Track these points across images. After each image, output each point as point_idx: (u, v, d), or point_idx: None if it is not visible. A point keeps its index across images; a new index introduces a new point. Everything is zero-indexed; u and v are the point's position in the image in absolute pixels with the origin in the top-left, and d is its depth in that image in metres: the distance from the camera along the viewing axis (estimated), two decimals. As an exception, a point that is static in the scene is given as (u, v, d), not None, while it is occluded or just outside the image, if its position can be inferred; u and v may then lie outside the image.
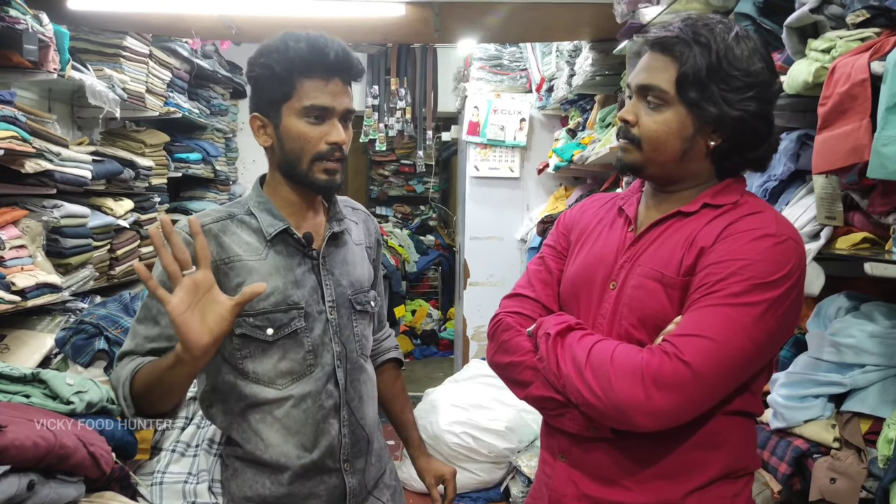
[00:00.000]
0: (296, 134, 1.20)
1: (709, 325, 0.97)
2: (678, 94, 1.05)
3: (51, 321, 2.43)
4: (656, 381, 0.95)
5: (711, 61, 1.02)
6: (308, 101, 1.19)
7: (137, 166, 3.07)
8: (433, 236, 7.21)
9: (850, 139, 1.20)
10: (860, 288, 1.51)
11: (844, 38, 1.29)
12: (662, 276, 1.06)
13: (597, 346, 1.02)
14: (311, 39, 1.19)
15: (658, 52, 1.07)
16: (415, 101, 4.91)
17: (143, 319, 1.20)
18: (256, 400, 1.23)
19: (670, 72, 1.05)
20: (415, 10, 2.79)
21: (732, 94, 1.03)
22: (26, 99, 2.77)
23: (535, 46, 4.05)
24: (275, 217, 1.25)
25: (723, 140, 1.06)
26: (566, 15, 2.85)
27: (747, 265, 0.99)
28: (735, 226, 1.04)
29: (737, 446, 1.07)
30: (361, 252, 1.38)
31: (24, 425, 1.26)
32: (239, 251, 1.22)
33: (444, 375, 4.08)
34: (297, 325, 1.23)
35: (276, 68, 1.19)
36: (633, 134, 1.09)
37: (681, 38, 1.04)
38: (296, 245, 1.26)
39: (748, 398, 1.07)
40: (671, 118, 1.06)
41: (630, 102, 1.12)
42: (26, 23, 2.22)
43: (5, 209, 2.24)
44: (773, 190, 1.61)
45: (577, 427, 1.06)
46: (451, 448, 3.14)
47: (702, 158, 1.09)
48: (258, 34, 3.24)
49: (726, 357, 0.97)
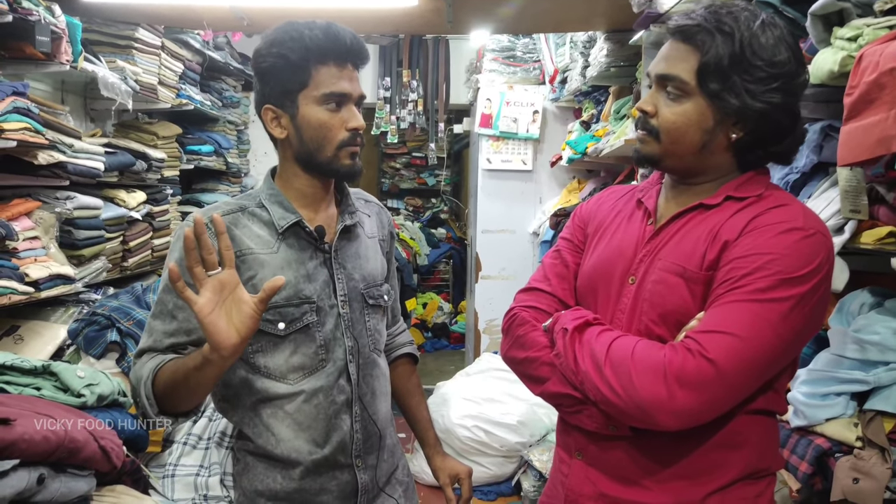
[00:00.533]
0: (316, 123, 1.19)
1: (734, 322, 0.94)
2: (699, 84, 1.02)
3: (64, 312, 2.44)
4: (679, 380, 0.92)
5: (735, 51, 0.99)
6: (326, 89, 1.18)
7: (150, 158, 3.07)
8: (444, 229, 7.19)
9: (878, 130, 1.16)
10: (884, 283, 1.47)
11: (872, 25, 1.25)
12: (684, 270, 1.03)
13: (617, 342, 1.00)
14: (324, 27, 1.18)
15: (679, 41, 1.04)
16: (427, 93, 4.88)
17: (158, 315, 1.19)
18: (268, 395, 1.22)
19: (691, 61, 1.02)
20: (427, 1, 2.76)
21: (756, 85, 0.99)
22: (39, 90, 2.77)
23: (548, 37, 4.01)
24: (286, 210, 1.23)
25: (745, 133, 1.03)
26: (581, 5, 2.81)
27: (774, 259, 0.96)
28: (761, 219, 1.00)
29: (759, 445, 1.04)
30: (374, 245, 1.36)
31: (33, 419, 1.25)
32: (250, 244, 1.21)
33: (455, 369, 4.07)
34: (309, 319, 1.22)
35: (291, 56, 1.17)
36: (651, 125, 1.07)
37: (703, 26, 1.01)
38: (308, 238, 1.24)
39: (771, 396, 1.04)
40: (691, 109, 1.03)
41: (649, 92, 1.09)
42: (39, 14, 2.22)
43: (18, 200, 2.24)
44: (795, 182, 1.57)
45: (595, 425, 1.04)
46: (463, 442, 3.13)
47: (723, 151, 1.06)
48: (270, 26, 3.22)
49: (751, 355, 0.94)
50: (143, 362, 1.16)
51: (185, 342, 1.17)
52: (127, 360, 2.07)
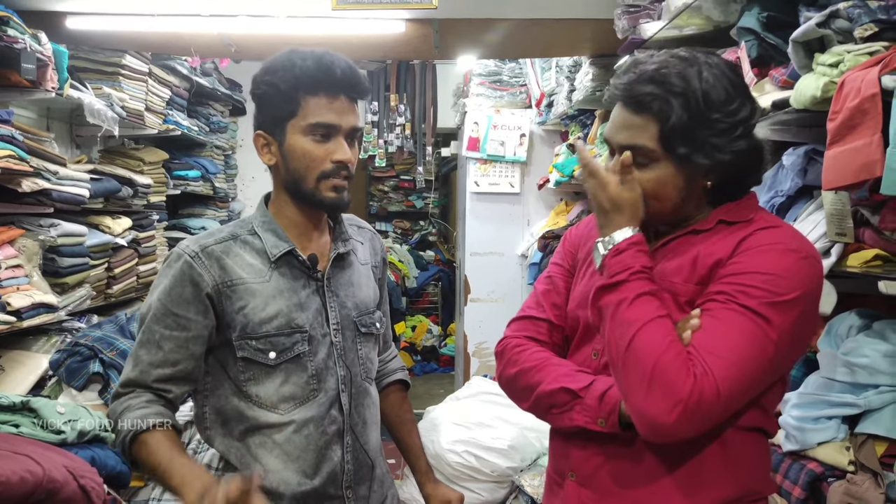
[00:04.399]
0: (300, 152, 1.18)
1: (733, 344, 0.94)
2: (665, 150, 1.02)
3: (47, 341, 2.40)
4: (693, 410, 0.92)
5: (692, 111, 0.99)
6: (313, 119, 1.17)
7: (136, 184, 3.05)
8: (433, 252, 7.19)
9: (862, 155, 1.18)
10: (871, 305, 1.48)
11: (853, 52, 1.27)
12: (673, 284, 1.04)
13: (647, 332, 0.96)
14: (317, 57, 1.17)
15: (632, 112, 1.03)
16: (414, 116, 4.90)
17: (145, 344, 1.18)
18: (258, 423, 1.20)
19: (651, 130, 1.01)
20: (414, 27, 2.79)
21: (719, 138, 1.00)
22: (24, 118, 2.76)
23: (534, 62, 4.05)
24: (280, 238, 1.22)
25: (718, 179, 1.05)
26: (566, 31, 2.85)
27: (771, 280, 0.96)
28: (755, 238, 1.01)
29: (750, 466, 1.04)
30: (367, 272, 1.35)
31: (10, 459, 1.21)
32: (242, 273, 1.19)
33: (444, 392, 4.04)
34: (301, 349, 1.20)
35: (282, 86, 1.17)
36: None
37: (655, 94, 1.00)
38: (301, 267, 1.23)
39: (760, 414, 1.04)
40: (663, 174, 1.03)
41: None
42: (24, 42, 2.21)
43: (2, 228, 2.22)
44: (781, 205, 1.59)
45: (584, 419, 1.03)
46: (454, 467, 3.09)
47: (699, 197, 1.07)
48: (257, 52, 3.23)
49: (745, 376, 0.95)
50: (125, 404, 1.15)
51: (169, 374, 1.17)
52: (110, 392, 2.03)
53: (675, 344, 0.95)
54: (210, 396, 1.23)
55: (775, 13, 1.58)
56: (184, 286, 1.16)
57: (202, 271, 1.16)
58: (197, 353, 1.19)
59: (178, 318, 1.16)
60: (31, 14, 2.45)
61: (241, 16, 2.69)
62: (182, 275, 1.17)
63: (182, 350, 1.17)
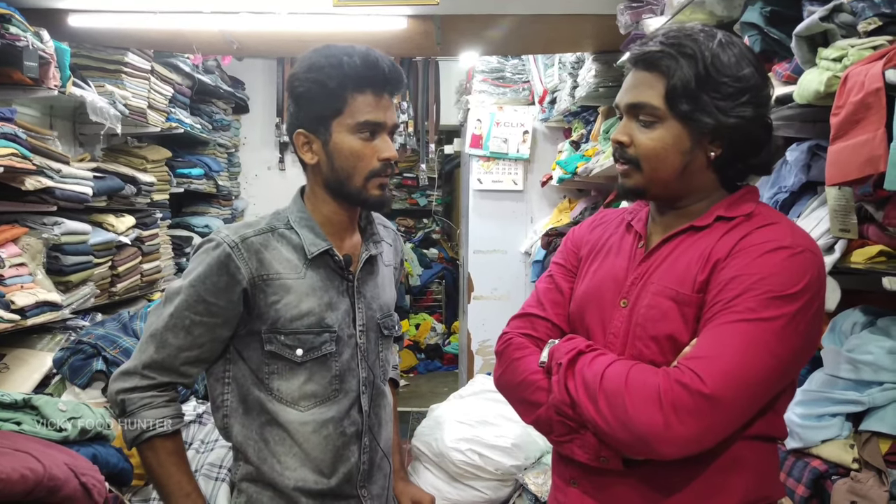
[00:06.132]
0: (348, 151, 1.17)
1: (727, 344, 0.93)
2: (669, 108, 1.02)
3: (51, 339, 2.40)
4: (675, 407, 0.91)
5: (699, 71, 1.00)
6: (361, 117, 1.16)
7: (139, 182, 3.05)
8: (437, 249, 7.18)
9: (865, 150, 1.17)
10: (876, 302, 1.47)
11: (856, 46, 1.26)
12: (677, 293, 1.02)
13: (609, 369, 0.98)
14: (362, 54, 1.16)
15: (643, 70, 1.05)
16: (417, 114, 4.90)
17: (174, 328, 1.17)
18: (277, 418, 1.20)
19: (658, 87, 1.02)
20: (416, 24, 2.78)
21: (725, 101, 1.00)
22: (27, 116, 2.76)
23: (537, 58, 4.04)
24: (317, 236, 1.22)
25: (722, 149, 1.04)
26: (569, 27, 2.84)
27: (762, 279, 0.95)
28: (748, 239, 1.00)
29: (758, 473, 1.02)
30: (390, 274, 1.36)
31: (11, 456, 1.21)
32: (279, 268, 1.19)
33: (448, 390, 4.03)
34: (328, 349, 1.20)
35: (329, 83, 1.15)
36: (629, 155, 1.07)
37: (665, 52, 1.01)
38: (335, 267, 1.23)
39: (771, 419, 1.02)
40: (666, 134, 1.03)
41: (621, 123, 1.08)
42: (27, 40, 2.21)
43: (5, 227, 2.22)
44: (784, 201, 1.58)
45: (586, 456, 1.01)
46: (457, 465, 3.09)
47: (703, 170, 1.06)
48: (259, 49, 3.23)
49: (747, 377, 0.92)
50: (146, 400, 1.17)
51: (195, 357, 1.18)
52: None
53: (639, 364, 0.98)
54: (231, 383, 1.22)
55: (779, 8, 1.57)
56: (220, 276, 1.16)
57: (240, 263, 1.16)
58: (223, 338, 1.20)
59: (211, 305, 1.16)
60: (33, 12, 2.45)
61: (243, 13, 2.68)
62: (219, 264, 1.16)
63: (210, 334, 1.18)
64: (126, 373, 1.19)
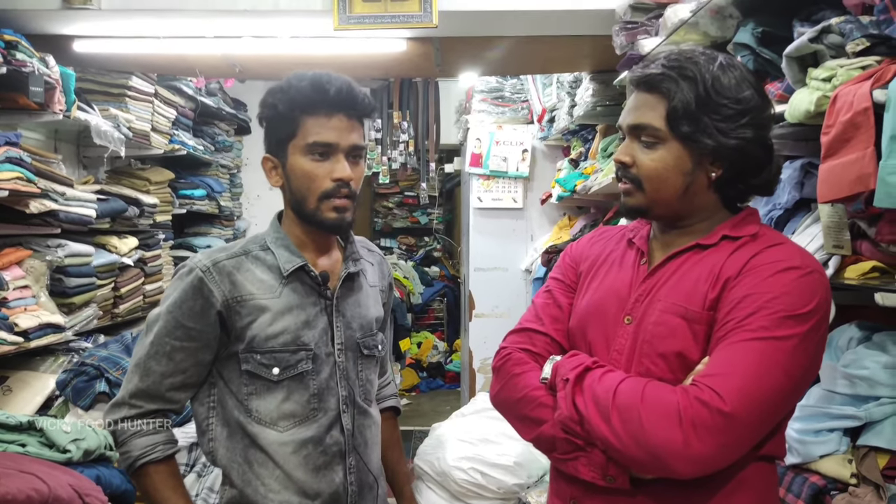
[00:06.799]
0: (300, 172, 1.20)
1: (743, 362, 0.93)
2: (670, 129, 1.04)
3: (54, 361, 2.41)
4: (695, 425, 0.90)
5: (700, 93, 1.01)
6: (311, 139, 1.18)
7: (142, 204, 3.08)
8: (438, 267, 7.19)
9: (855, 168, 1.19)
10: (870, 317, 1.48)
11: (845, 66, 1.29)
12: (686, 310, 1.02)
13: (623, 385, 0.97)
14: (314, 77, 1.19)
15: (645, 91, 1.07)
16: (417, 133, 4.94)
17: (155, 356, 1.19)
18: (258, 440, 1.20)
19: (659, 109, 1.04)
20: (416, 46, 2.82)
21: (726, 123, 1.02)
22: (32, 140, 2.80)
23: (535, 78, 4.09)
24: (292, 253, 1.23)
25: (723, 170, 1.05)
26: (566, 48, 2.88)
27: (775, 298, 0.96)
28: (759, 258, 1.01)
29: (759, 493, 1.02)
30: (375, 294, 1.36)
31: (17, 478, 1.23)
32: (252, 289, 1.20)
33: (451, 409, 4.02)
34: (304, 367, 1.21)
35: (280, 107, 1.19)
36: (632, 174, 1.08)
37: (666, 74, 1.03)
38: (312, 283, 1.24)
39: (778, 440, 1.02)
40: (667, 154, 1.05)
41: (623, 144, 1.10)
42: (33, 66, 2.25)
43: (9, 249, 2.24)
44: (779, 218, 1.59)
45: (591, 474, 1.00)
46: (460, 484, 3.08)
47: (705, 190, 1.07)
48: (261, 72, 3.28)
49: (763, 395, 0.92)
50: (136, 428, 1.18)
51: (180, 383, 1.19)
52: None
53: (654, 381, 0.97)
54: (216, 407, 1.24)
55: (770, 29, 1.60)
56: (195, 300, 1.18)
57: (213, 286, 1.18)
58: (206, 361, 1.21)
59: (189, 329, 1.18)
60: (39, 38, 2.50)
61: (245, 37, 2.73)
62: (193, 288, 1.18)
63: (192, 359, 1.19)
64: (115, 405, 1.21)
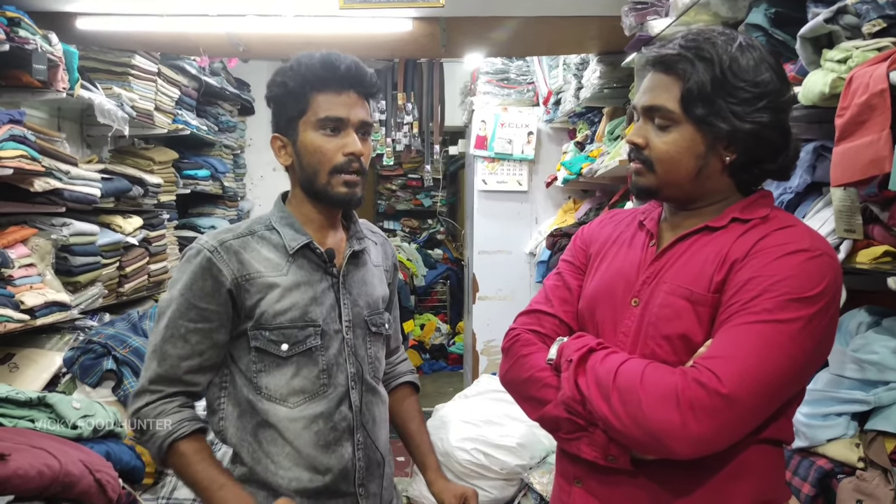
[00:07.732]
0: (312, 147, 1.21)
1: (744, 345, 0.93)
2: (684, 112, 1.02)
3: (60, 339, 2.43)
4: (692, 406, 0.90)
5: (716, 75, 0.99)
6: (322, 114, 1.20)
7: (146, 184, 3.07)
8: (441, 250, 7.20)
9: (870, 151, 1.18)
10: (881, 302, 1.48)
11: (861, 48, 1.27)
12: (691, 293, 1.02)
13: (624, 366, 0.97)
14: (323, 55, 1.22)
15: (660, 72, 1.05)
16: (422, 115, 4.90)
17: (170, 339, 1.20)
18: (268, 418, 1.21)
19: (674, 91, 1.02)
20: (421, 26, 2.79)
21: (741, 106, 1.00)
22: (36, 118, 2.79)
23: (541, 60, 4.05)
24: (297, 232, 1.25)
25: (738, 154, 1.03)
26: (573, 28, 2.84)
27: (781, 281, 0.95)
28: (766, 241, 1.00)
29: (765, 476, 1.02)
30: (380, 273, 1.38)
31: (28, 453, 1.23)
32: (259, 267, 1.22)
33: (454, 390, 4.04)
34: (313, 342, 1.22)
35: (291, 84, 1.21)
36: (644, 156, 1.07)
37: (682, 55, 1.01)
38: (318, 261, 1.25)
39: (782, 423, 1.02)
40: (680, 137, 1.03)
41: (637, 125, 1.09)
42: (36, 43, 2.23)
43: (14, 228, 2.24)
44: (790, 202, 1.58)
45: (593, 454, 1.01)
46: (462, 465, 3.10)
47: (719, 174, 1.05)
48: (265, 52, 3.25)
49: (764, 378, 0.92)
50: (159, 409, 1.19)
51: (198, 365, 1.20)
52: (123, 389, 2.05)
53: (654, 363, 0.97)
54: (228, 387, 1.25)
55: (783, 9, 1.58)
56: (205, 280, 1.19)
57: (222, 266, 1.19)
58: (221, 342, 1.22)
59: (202, 310, 1.19)
60: (41, 15, 2.47)
61: (249, 15, 2.70)
62: (202, 269, 1.19)
63: (207, 340, 1.20)
64: (136, 393, 1.22)
